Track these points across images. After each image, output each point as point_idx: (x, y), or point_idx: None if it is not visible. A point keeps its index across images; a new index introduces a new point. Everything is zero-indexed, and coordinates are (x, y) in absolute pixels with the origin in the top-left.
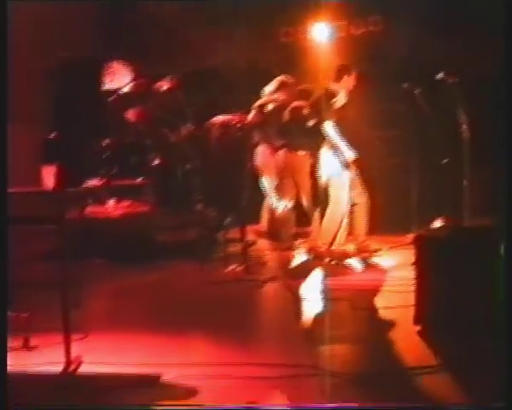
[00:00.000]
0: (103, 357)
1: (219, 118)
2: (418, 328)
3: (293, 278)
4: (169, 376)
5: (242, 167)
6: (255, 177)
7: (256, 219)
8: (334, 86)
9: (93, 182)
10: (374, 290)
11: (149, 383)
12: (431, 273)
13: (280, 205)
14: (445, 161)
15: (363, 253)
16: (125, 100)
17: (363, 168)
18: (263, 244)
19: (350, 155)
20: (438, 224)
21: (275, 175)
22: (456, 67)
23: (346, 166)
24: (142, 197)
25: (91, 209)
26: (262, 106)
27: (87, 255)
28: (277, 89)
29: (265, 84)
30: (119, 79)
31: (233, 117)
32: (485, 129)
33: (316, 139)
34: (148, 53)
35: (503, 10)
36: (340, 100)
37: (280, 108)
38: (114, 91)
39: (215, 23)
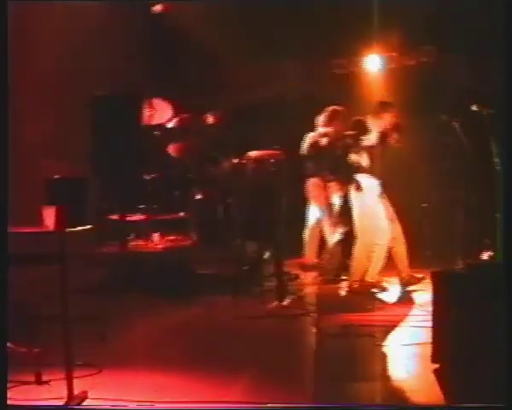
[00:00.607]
0: (113, 393)
1: (254, 152)
2: (435, 366)
3: (327, 313)
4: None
5: (279, 201)
6: (294, 210)
7: (296, 252)
8: (370, 121)
9: (137, 216)
10: (400, 325)
11: None
12: (448, 310)
13: (333, 237)
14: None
15: (408, 285)
16: (170, 135)
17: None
18: (307, 278)
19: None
20: (485, 256)
21: (326, 207)
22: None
23: (378, 195)
24: (186, 231)
25: (135, 243)
26: (315, 137)
27: (127, 289)
28: (330, 119)
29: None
30: (160, 114)
31: (268, 151)
32: None
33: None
34: (194, 88)
35: None
36: (372, 138)
37: (333, 140)
38: (158, 127)
39: (265, 55)
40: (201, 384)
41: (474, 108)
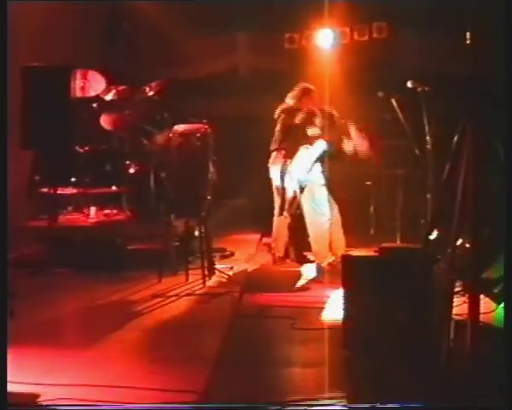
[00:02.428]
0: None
1: (180, 126)
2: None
3: (252, 293)
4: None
5: (205, 177)
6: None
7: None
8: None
9: (69, 189)
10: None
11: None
12: (357, 296)
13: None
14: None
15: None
16: (105, 107)
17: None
18: (244, 256)
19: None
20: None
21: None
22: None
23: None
24: (120, 206)
25: (67, 217)
26: (286, 112)
27: (53, 264)
28: (300, 96)
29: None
30: (93, 86)
31: (194, 125)
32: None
33: None
34: (137, 60)
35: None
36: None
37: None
38: (93, 99)
39: (211, 28)
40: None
41: (409, 84)
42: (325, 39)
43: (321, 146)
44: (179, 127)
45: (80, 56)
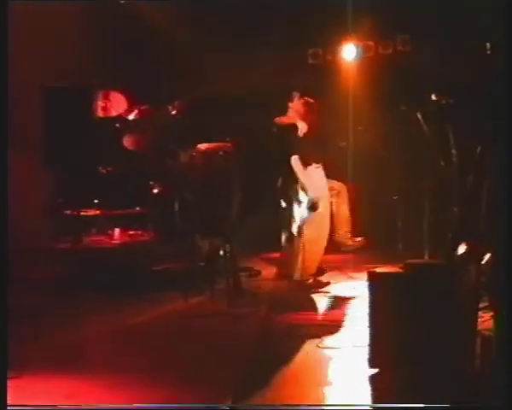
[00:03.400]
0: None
1: (203, 145)
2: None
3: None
4: None
5: (230, 195)
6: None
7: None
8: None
9: (93, 211)
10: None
11: None
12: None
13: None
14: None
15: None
16: (127, 127)
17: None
18: (271, 274)
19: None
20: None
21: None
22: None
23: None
24: (144, 227)
25: (91, 238)
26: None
27: (77, 286)
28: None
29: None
30: (115, 106)
31: (216, 144)
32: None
33: None
34: (157, 80)
35: None
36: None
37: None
38: (116, 119)
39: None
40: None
41: (433, 97)
42: (349, 53)
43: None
44: (202, 146)
45: (102, 75)
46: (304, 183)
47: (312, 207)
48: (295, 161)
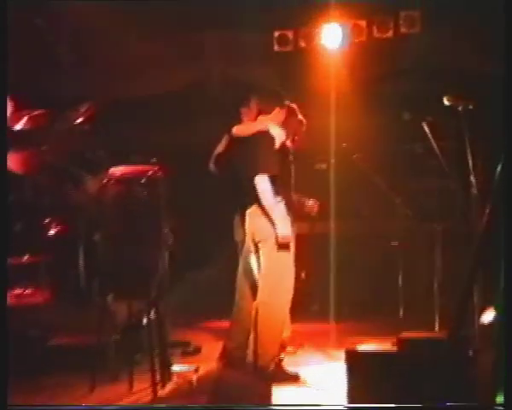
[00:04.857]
0: None
1: (119, 169)
2: None
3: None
4: None
5: (158, 241)
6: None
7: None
8: (263, 120)
9: None
10: None
11: None
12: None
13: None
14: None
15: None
16: (14, 141)
17: None
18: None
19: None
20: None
21: None
22: None
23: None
24: (37, 282)
25: None
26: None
27: None
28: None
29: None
30: None
31: (138, 167)
32: None
33: None
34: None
35: None
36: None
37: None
38: None
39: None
40: None
41: (446, 101)
42: (331, 37)
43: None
44: (118, 170)
45: None
46: (271, 213)
47: (282, 246)
48: (261, 181)
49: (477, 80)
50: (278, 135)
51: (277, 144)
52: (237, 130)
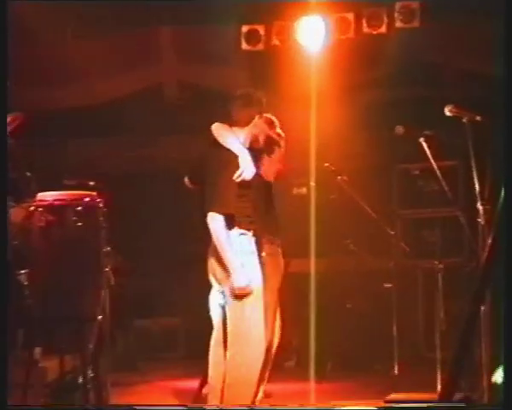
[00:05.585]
0: None
1: (50, 194)
2: None
3: None
4: None
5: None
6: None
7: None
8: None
9: None
10: None
11: None
12: None
13: None
14: None
15: None
16: None
17: None
18: None
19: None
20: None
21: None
22: None
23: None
24: None
25: None
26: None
27: None
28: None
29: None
30: None
31: (74, 193)
32: None
33: None
34: None
35: None
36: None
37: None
38: None
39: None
40: None
41: (447, 112)
42: (311, 33)
43: None
44: (48, 195)
45: None
46: (224, 259)
47: (240, 297)
48: (213, 220)
49: (486, 87)
50: (246, 168)
51: (243, 177)
52: (216, 129)
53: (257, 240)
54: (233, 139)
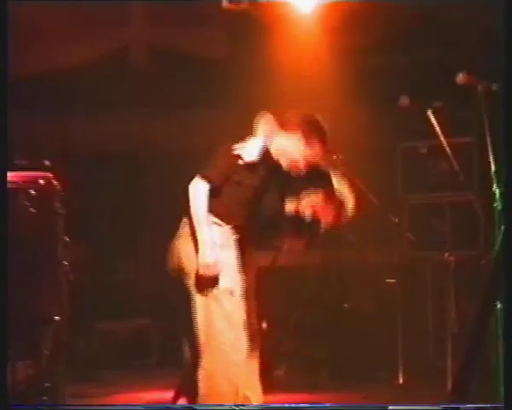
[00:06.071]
0: None
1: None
2: None
3: None
4: None
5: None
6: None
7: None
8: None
9: None
10: None
11: None
12: None
13: None
14: None
15: None
16: None
17: None
18: None
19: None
20: None
21: None
22: None
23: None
24: None
25: None
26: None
27: None
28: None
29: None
30: None
31: (25, 174)
32: None
33: None
34: None
35: None
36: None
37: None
38: None
39: None
40: None
41: (460, 78)
42: None
43: None
44: None
45: None
46: (197, 230)
47: (202, 281)
48: (196, 187)
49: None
50: (250, 149)
51: (242, 156)
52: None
53: (232, 237)
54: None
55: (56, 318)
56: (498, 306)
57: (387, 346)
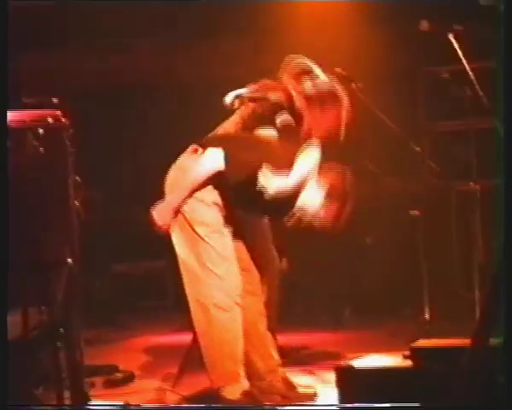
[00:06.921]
0: None
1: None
2: None
3: None
4: None
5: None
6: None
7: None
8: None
9: None
10: None
11: None
12: None
13: None
14: None
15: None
16: None
17: None
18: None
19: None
20: None
21: None
22: None
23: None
24: None
25: None
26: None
27: None
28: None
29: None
30: None
31: (34, 112)
32: None
33: None
34: None
35: None
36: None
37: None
38: None
39: None
40: None
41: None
42: None
43: None
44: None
45: None
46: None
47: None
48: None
49: None
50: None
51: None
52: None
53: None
54: None
55: (69, 260)
56: None
57: (412, 281)
